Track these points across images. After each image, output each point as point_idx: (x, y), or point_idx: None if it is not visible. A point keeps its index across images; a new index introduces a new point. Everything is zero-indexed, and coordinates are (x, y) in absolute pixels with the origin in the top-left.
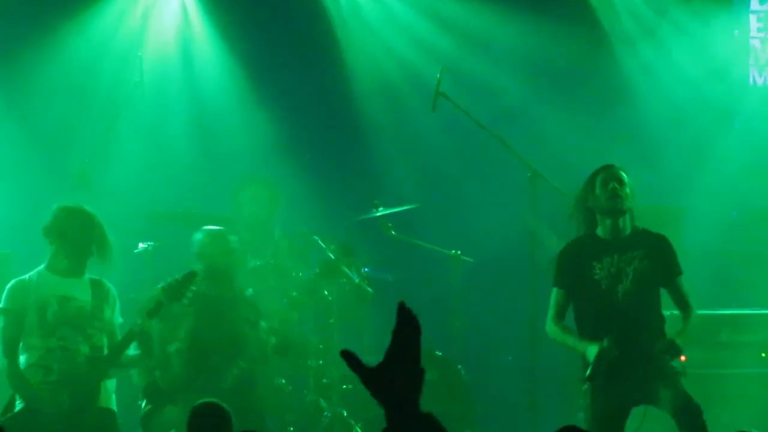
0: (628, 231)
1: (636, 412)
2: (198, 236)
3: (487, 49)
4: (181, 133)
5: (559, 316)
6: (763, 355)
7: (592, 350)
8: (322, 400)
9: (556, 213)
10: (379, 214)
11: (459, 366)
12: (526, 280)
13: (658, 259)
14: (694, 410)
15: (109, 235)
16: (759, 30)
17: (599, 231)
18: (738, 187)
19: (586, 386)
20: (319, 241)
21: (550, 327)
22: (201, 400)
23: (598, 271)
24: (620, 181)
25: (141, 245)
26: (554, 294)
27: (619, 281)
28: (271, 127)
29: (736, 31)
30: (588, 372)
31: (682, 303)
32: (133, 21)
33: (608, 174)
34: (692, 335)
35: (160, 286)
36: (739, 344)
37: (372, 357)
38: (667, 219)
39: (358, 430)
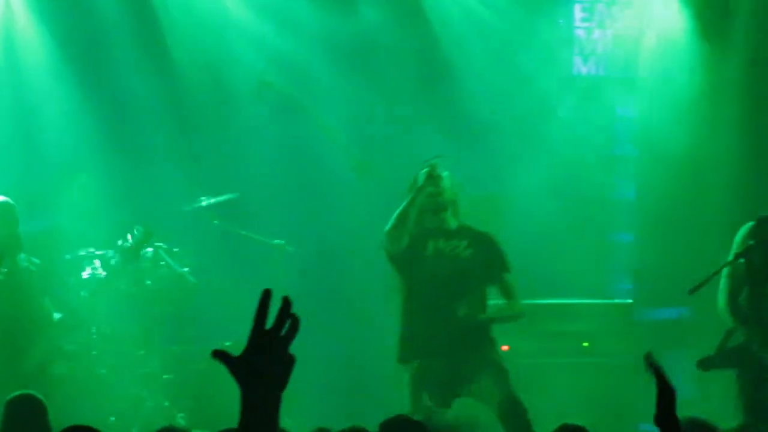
0: (453, 225)
1: None
2: None
3: (310, 36)
4: (3, 127)
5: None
6: (585, 344)
7: None
8: (143, 390)
9: (380, 202)
10: (202, 203)
11: None
12: (351, 269)
13: (482, 254)
14: (519, 410)
15: None
16: (583, 20)
17: (426, 224)
18: (561, 176)
19: (410, 370)
20: (143, 232)
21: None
22: (16, 392)
23: (428, 249)
24: (436, 179)
25: None
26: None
27: (443, 262)
28: (97, 118)
29: (561, 20)
30: None
31: (508, 298)
32: None
33: (426, 174)
34: (499, 319)
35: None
36: (561, 334)
37: (192, 347)
38: (490, 207)
39: (180, 419)
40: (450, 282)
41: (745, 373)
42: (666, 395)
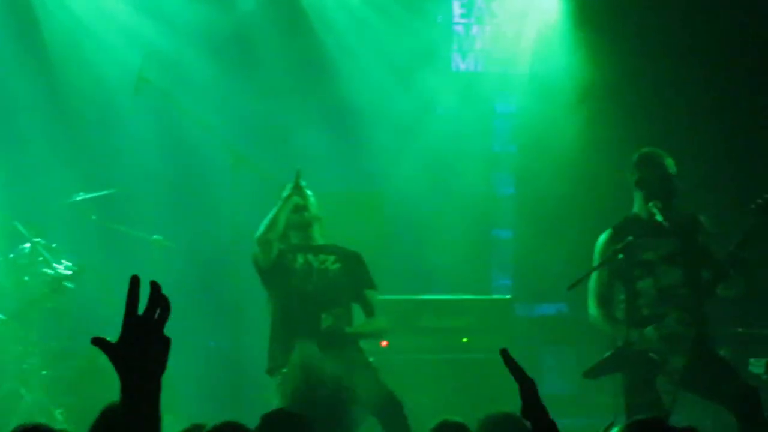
0: (320, 240)
1: None
2: None
3: (187, 30)
4: None
5: None
6: (464, 340)
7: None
8: (21, 386)
9: (259, 197)
10: (80, 198)
11: None
12: (229, 266)
13: (350, 270)
14: (395, 406)
15: None
16: (462, 16)
17: (293, 239)
18: (441, 173)
19: (282, 373)
20: (20, 227)
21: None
22: None
23: (297, 261)
24: (302, 189)
25: None
26: None
27: (310, 275)
28: None
29: (440, 17)
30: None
31: (370, 315)
32: None
33: (293, 192)
34: (364, 334)
35: None
36: (440, 330)
37: (71, 343)
38: (370, 204)
39: (58, 415)
40: (318, 295)
41: (632, 374)
42: (526, 387)
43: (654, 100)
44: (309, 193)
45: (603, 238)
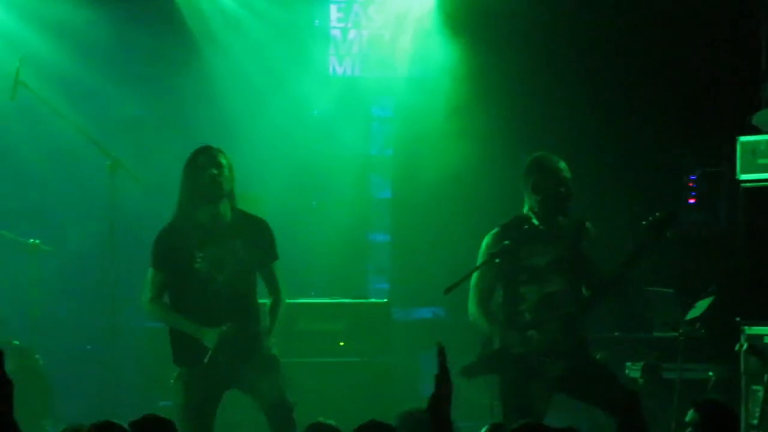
0: (229, 216)
1: None
2: None
3: (69, 38)
4: None
5: (159, 296)
6: (341, 344)
7: (210, 334)
8: None
9: (134, 200)
10: None
11: (37, 355)
12: (106, 270)
13: (256, 244)
14: (286, 408)
15: None
16: (339, 20)
17: (200, 217)
18: (317, 176)
19: (181, 370)
20: None
21: (151, 306)
22: None
23: (199, 261)
24: (218, 166)
25: None
26: (151, 274)
27: (220, 270)
28: None
29: (317, 21)
30: (207, 358)
31: (274, 289)
32: None
33: (206, 158)
34: (281, 321)
35: None
36: (316, 333)
37: None
38: (245, 207)
39: None
40: (222, 291)
41: (508, 376)
42: (445, 390)
43: (535, 101)
44: (224, 162)
45: (488, 237)
